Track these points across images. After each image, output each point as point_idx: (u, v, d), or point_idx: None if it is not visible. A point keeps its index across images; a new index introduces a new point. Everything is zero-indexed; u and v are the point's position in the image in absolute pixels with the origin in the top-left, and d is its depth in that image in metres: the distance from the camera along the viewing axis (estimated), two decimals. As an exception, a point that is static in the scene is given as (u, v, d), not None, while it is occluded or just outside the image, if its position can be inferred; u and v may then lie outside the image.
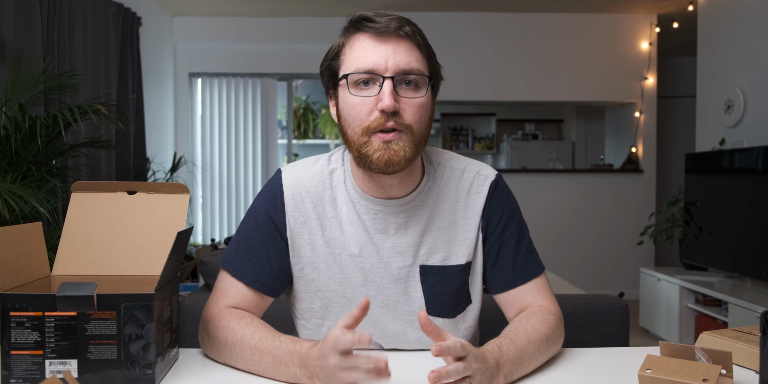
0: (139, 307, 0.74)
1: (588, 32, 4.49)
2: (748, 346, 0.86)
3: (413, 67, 0.84)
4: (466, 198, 0.95)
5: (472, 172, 0.97)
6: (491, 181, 0.96)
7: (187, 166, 4.42)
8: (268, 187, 0.96)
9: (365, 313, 0.71)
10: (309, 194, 0.93)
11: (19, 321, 0.73)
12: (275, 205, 0.94)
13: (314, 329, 0.97)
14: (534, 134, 6.49)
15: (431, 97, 0.88)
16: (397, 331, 0.95)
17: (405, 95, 0.84)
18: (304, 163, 0.97)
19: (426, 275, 0.93)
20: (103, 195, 0.92)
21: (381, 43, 0.84)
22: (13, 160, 2.04)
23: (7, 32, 2.43)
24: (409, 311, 0.94)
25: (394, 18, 0.85)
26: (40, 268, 0.86)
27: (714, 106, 3.46)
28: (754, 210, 2.76)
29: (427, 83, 0.86)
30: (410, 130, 0.84)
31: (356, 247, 0.92)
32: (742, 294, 2.77)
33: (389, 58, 0.83)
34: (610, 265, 4.53)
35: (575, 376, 0.82)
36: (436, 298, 0.93)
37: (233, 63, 4.51)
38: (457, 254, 0.94)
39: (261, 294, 0.93)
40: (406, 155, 0.83)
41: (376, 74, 0.83)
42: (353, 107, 0.84)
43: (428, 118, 0.88)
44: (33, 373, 0.73)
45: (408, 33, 0.84)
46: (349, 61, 0.85)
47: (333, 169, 0.95)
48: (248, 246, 0.94)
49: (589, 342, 1.38)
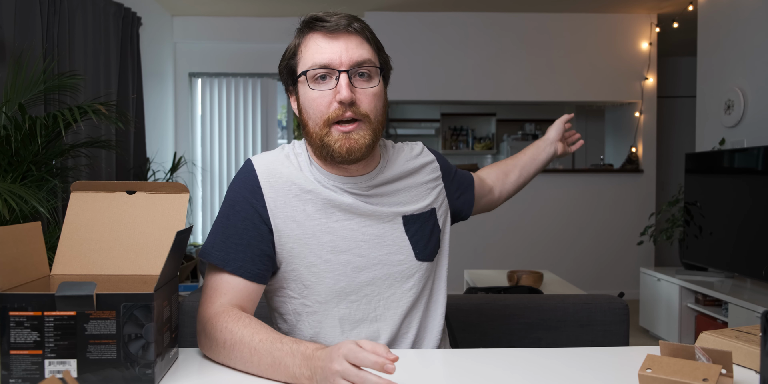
0: (138, 306, 0.74)
1: (588, 32, 4.49)
2: (749, 345, 0.85)
3: (365, 59, 0.91)
4: (414, 160, 1.07)
5: (408, 146, 1.11)
6: (421, 146, 1.12)
7: (187, 166, 4.42)
8: (240, 176, 0.98)
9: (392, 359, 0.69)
10: (282, 175, 0.97)
11: (18, 321, 0.73)
12: (252, 190, 0.96)
13: (314, 306, 0.97)
14: (534, 134, 6.49)
15: (383, 86, 0.96)
16: (389, 292, 0.99)
17: (360, 86, 0.91)
18: (270, 152, 1.03)
19: (408, 225, 1.01)
20: (103, 195, 0.92)
21: (333, 40, 0.91)
22: (13, 160, 2.04)
23: (7, 32, 2.43)
24: (398, 260, 0.99)
25: (343, 16, 0.92)
26: (39, 268, 0.86)
27: (714, 106, 3.46)
28: (754, 210, 2.76)
29: (379, 73, 0.94)
30: (368, 118, 0.92)
31: (341, 213, 0.96)
32: (742, 294, 2.77)
33: (342, 53, 0.90)
34: (610, 265, 4.52)
35: (575, 376, 0.82)
36: (420, 243, 1.01)
37: (233, 63, 4.51)
38: (424, 203, 1.04)
39: (248, 282, 0.93)
40: (366, 143, 0.91)
41: (331, 69, 0.90)
42: (313, 101, 0.91)
43: (383, 106, 0.96)
44: (32, 372, 0.73)
45: (357, 29, 0.92)
46: (305, 59, 0.92)
47: (298, 153, 1.01)
48: (227, 235, 0.95)
49: (589, 342, 1.38)
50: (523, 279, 2.74)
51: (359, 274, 0.97)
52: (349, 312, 0.98)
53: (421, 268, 1.02)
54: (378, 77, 0.93)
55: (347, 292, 0.97)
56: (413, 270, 1.01)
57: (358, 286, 0.97)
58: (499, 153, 6.60)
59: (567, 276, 4.39)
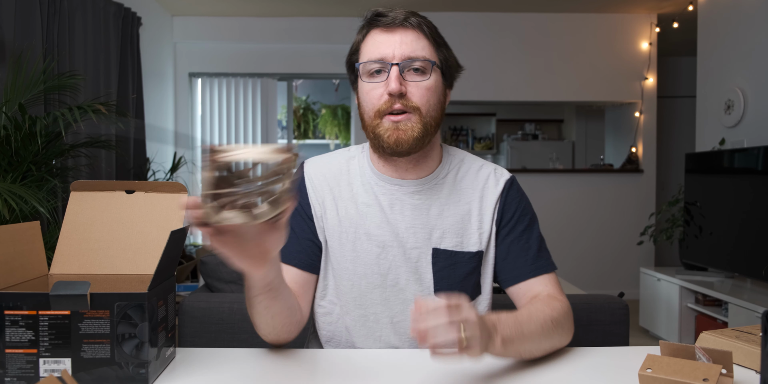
0: (132, 306, 0.74)
1: (588, 32, 4.48)
2: (749, 345, 0.85)
3: (418, 55, 0.91)
4: (482, 190, 0.99)
5: (489, 169, 1.02)
6: (507, 178, 1.01)
7: (187, 166, 4.42)
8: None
9: None
10: (326, 178, 1.00)
11: (13, 320, 0.73)
12: (298, 190, 1.00)
13: (328, 307, 1.00)
14: (534, 134, 6.48)
15: (440, 81, 0.95)
16: (403, 312, 0.97)
17: (411, 79, 0.91)
18: (326, 154, 1.06)
19: (437, 258, 0.96)
20: (102, 194, 0.92)
21: (390, 34, 0.92)
22: (13, 160, 2.04)
23: (7, 32, 2.42)
24: (418, 292, 0.96)
25: (402, 11, 0.93)
26: (37, 267, 0.86)
27: (714, 106, 3.45)
28: (754, 210, 2.75)
29: (433, 68, 0.92)
30: (418, 111, 0.91)
31: (372, 225, 0.96)
32: (742, 294, 2.77)
33: (396, 47, 0.91)
34: (610, 265, 4.52)
35: (575, 376, 0.82)
36: (445, 281, 0.96)
37: (233, 63, 4.50)
38: (469, 242, 0.97)
39: (301, 271, 0.96)
40: (415, 134, 0.90)
41: (384, 62, 0.91)
42: (366, 93, 0.93)
43: (437, 101, 0.94)
44: (27, 371, 0.73)
45: (413, 24, 0.92)
46: (363, 54, 0.94)
47: (352, 156, 1.03)
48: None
49: (589, 342, 1.38)
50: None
51: (372, 292, 0.97)
52: (361, 324, 0.98)
53: None
54: (431, 71, 0.92)
55: (358, 305, 0.97)
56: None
57: (370, 302, 0.97)
58: (499, 153, 6.59)
59: (567, 276, 4.38)
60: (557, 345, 0.89)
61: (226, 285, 1.84)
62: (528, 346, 0.82)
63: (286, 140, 4.92)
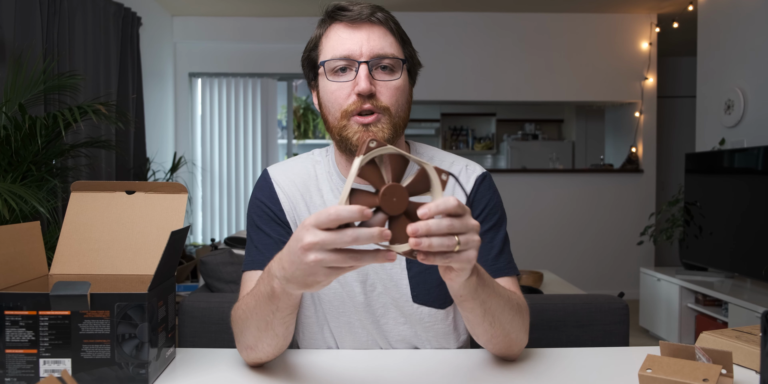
0: (132, 306, 0.74)
1: (588, 32, 4.48)
2: (749, 346, 0.85)
3: (387, 52, 0.87)
4: (453, 187, 0.95)
5: (459, 165, 0.99)
6: (478, 174, 0.98)
7: (187, 166, 4.42)
8: (258, 185, 0.99)
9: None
10: (295, 185, 0.96)
11: (13, 320, 0.73)
12: (270, 197, 0.95)
13: (306, 313, 0.96)
14: (534, 134, 6.48)
15: (408, 80, 0.91)
16: (385, 315, 0.94)
17: (380, 78, 0.87)
18: (288, 161, 1.01)
19: (412, 263, 0.92)
20: (102, 195, 0.92)
21: (355, 30, 0.87)
22: (13, 160, 2.04)
23: (7, 32, 2.42)
24: (396, 297, 0.93)
25: (366, 5, 0.87)
26: (37, 267, 0.86)
27: (714, 106, 3.45)
28: (754, 210, 2.75)
29: (402, 67, 0.88)
30: (388, 111, 0.86)
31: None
32: (742, 294, 2.77)
33: (363, 44, 0.86)
34: (610, 265, 4.52)
35: (575, 376, 0.82)
36: (421, 286, 0.93)
37: (233, 63, 4.51)
38: None
39: None
40: (385, 136, 0.86)
41: (351, 60, 0.86)
42: (332, 93, 0.87)
43: (405, 101, 0.90)
44: (27, 371, 0.73)
45: (380, 19, 0.87)
46: (326, 50, 0.88)
47: (316, 161, 0.98)
48: (256, 242, 0.93)
49: (589, 342, 1.38)
50: (523, 279, 2.74)
51: (354, 299, 0.93)
52: (346, 330, 0.95)
53: (420, 312, 0.93)
54: (401, 71, 0.88)
55: (341, 312, 0.94)
56: (409, 312, 0.93)
57: (352, 309, 0.94)
58: (499, 153, 6.59)
59: (567, 276, 4.38)
60: (516, 329, 0.83)
61: (226, 285, 1.84)
62: (494, 303, 0.77)
63: (286, 140, 4.92)
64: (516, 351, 0.86)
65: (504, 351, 0.85)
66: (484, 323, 0.79)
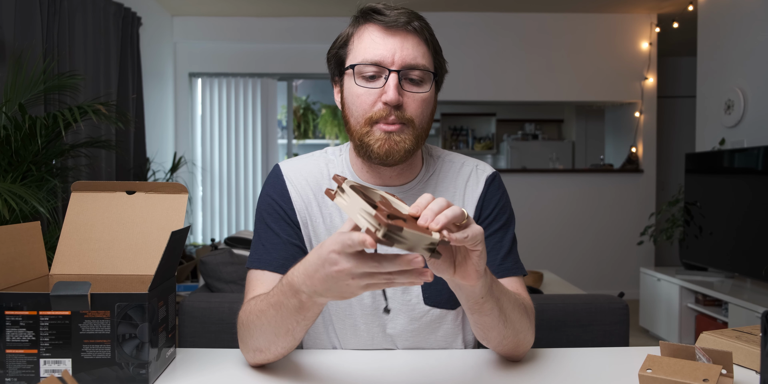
0: (132, 306, 0.74)
1: (588, 32, 4.48)
2: (749, 346, 0.85)
3: (419, 63, 0.85)
4: (464, 189, 0.96)
5: (470, 166, 0.99)
6: (488, 175, 0.98)
7: (187, 166, 4.42)
8: (269, 181, 0.97)
9: None
10: (308, 183, 0.94)
11: (14, 320, 0.73)
12: (281, 194, 0.94)
13: (319, 318, 0.96)
14: (534, 134, 6.48)
15: (434, 92, 0.90)
16: (394, 319, 0.94)
17: (409, 90, 0.85)
18: (300, 158, 0.99)
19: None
20: (103, 195, 0.92)
21: (389, 36, 0.85)
22: (13, 160, 2.04)
23: (7, 32, 2.42)
24: (406, 300, 0.93)
25: (404, 12, 0.86)
26: (37, 267, 0.86)
27: (714, 106, 3.45)
28: (754, 210, 2.76)
29: (432, 79, 0.87)
30: (412, 123, 0.86)
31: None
32: (742, 294, 2.77)
33: (396, 52, 0.84)
34: (610, 265, 4.52)
35: (575, 376, 0.82)
36: (433, 287, 0.93)
37: (233, 63, 4.51)
38: None
39: (278, 274, 0.90)
40: (407, 147, 0.85)
41: (382, 67, 0.84)
42: (358, 97, 0.86)
43: (430, 112, 0.89)
44: (28, 372, 0.73)
45: (416, 28, 0.85)
46: (356, 52, 0.87)
47: (329, 161, 0.97)
48: (264, 239, 0.92)
49: (589, 342, 1.38)
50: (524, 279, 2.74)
51: (361, 301, 0.93)
52: (352, 333, 0.94)
53: (431, 314, 0.93)
54: (430, 83, 0.87)
55: (348, 315, 0.93)
56: (420, 314, 0.93)
57: (360, 312, 0.93)
58: (499, 153, 6.59)
59: (567, 276, 4.38)
60: (524, 329, 0.83)
61: (226, 285, 1.84)
62: (506, 300, 0.77)
63: (286, 140, 4.92)
64: (522, 351, 0.86)
65: (511, 351, 0.85)
66: (499, 324, 0.78)
